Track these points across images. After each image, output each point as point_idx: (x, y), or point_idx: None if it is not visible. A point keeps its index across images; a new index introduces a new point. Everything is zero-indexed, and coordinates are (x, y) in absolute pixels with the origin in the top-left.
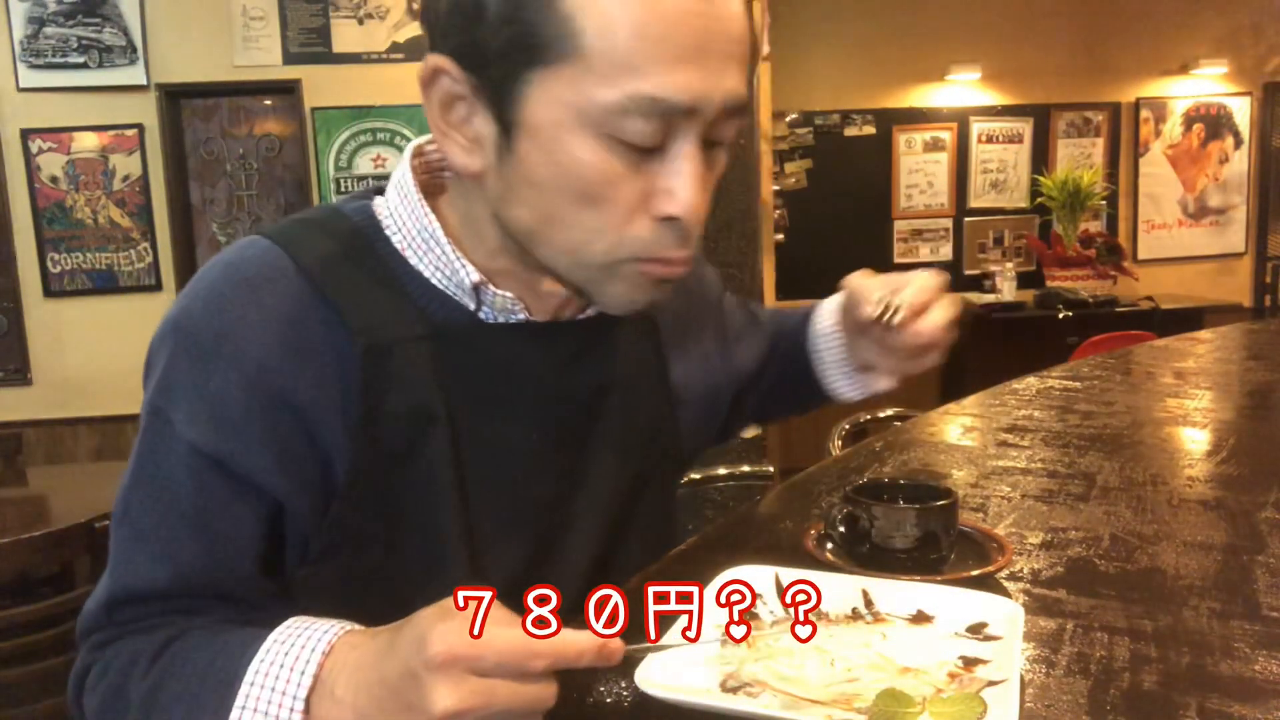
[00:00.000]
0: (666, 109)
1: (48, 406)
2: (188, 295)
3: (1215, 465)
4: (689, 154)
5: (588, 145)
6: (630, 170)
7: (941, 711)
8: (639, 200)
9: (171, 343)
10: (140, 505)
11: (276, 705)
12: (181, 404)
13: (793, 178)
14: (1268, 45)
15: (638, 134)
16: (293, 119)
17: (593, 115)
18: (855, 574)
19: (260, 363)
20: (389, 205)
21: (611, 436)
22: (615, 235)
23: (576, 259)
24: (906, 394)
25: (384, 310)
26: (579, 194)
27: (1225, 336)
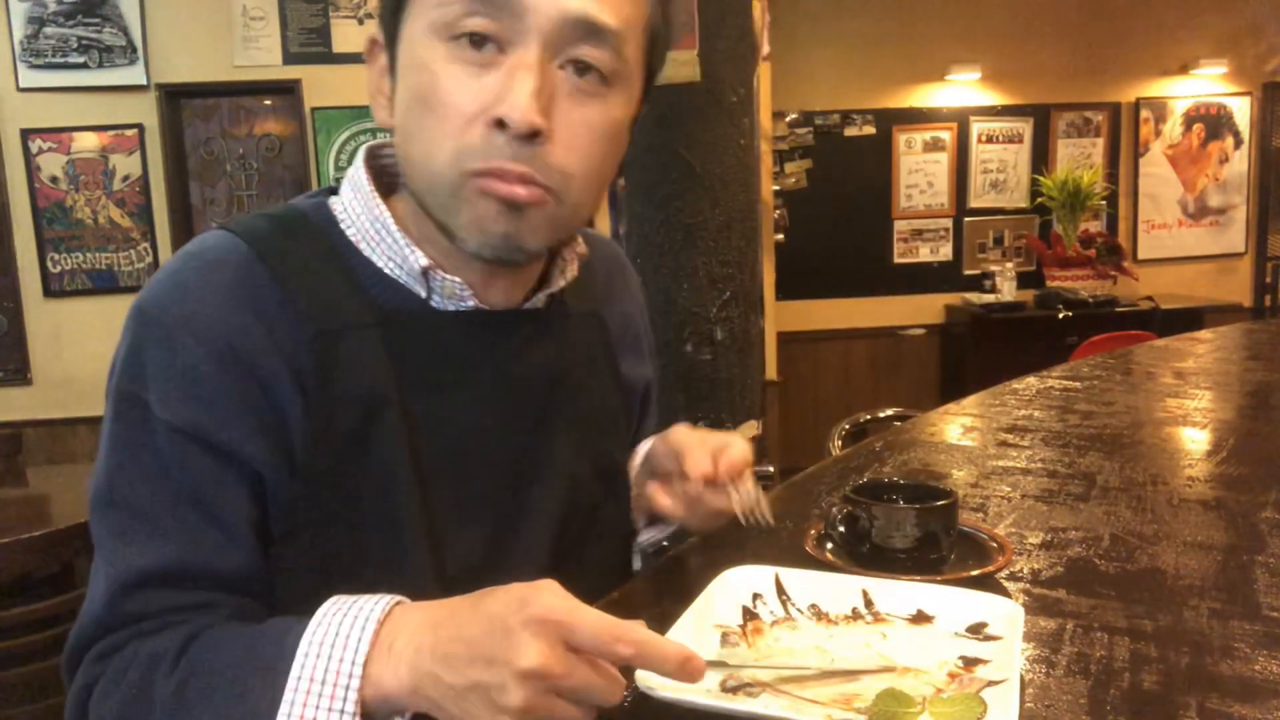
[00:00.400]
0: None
1: (48, 406)
2: (151, 284)
3: (1215, 465)
4: (524, 60)
5: (431, 50)
6: (469, 74)
7: (941, 711)
8: (478, 108)
9: (136, 327)
10: (129, 489)
11: (334, 674)
12: (153, 385)
13: (793, 178)
14: (1268, 45)
15: (470, 24)
16: (293, 119)
17: (433, 18)
18: (855, 574)
19: (225, 337)
20: (344, 201)
21: (567, 425)
22: (452, 142)
23: (429, 179)
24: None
25: (336, 297)
26: (422, 101)
27: (1225, 336)
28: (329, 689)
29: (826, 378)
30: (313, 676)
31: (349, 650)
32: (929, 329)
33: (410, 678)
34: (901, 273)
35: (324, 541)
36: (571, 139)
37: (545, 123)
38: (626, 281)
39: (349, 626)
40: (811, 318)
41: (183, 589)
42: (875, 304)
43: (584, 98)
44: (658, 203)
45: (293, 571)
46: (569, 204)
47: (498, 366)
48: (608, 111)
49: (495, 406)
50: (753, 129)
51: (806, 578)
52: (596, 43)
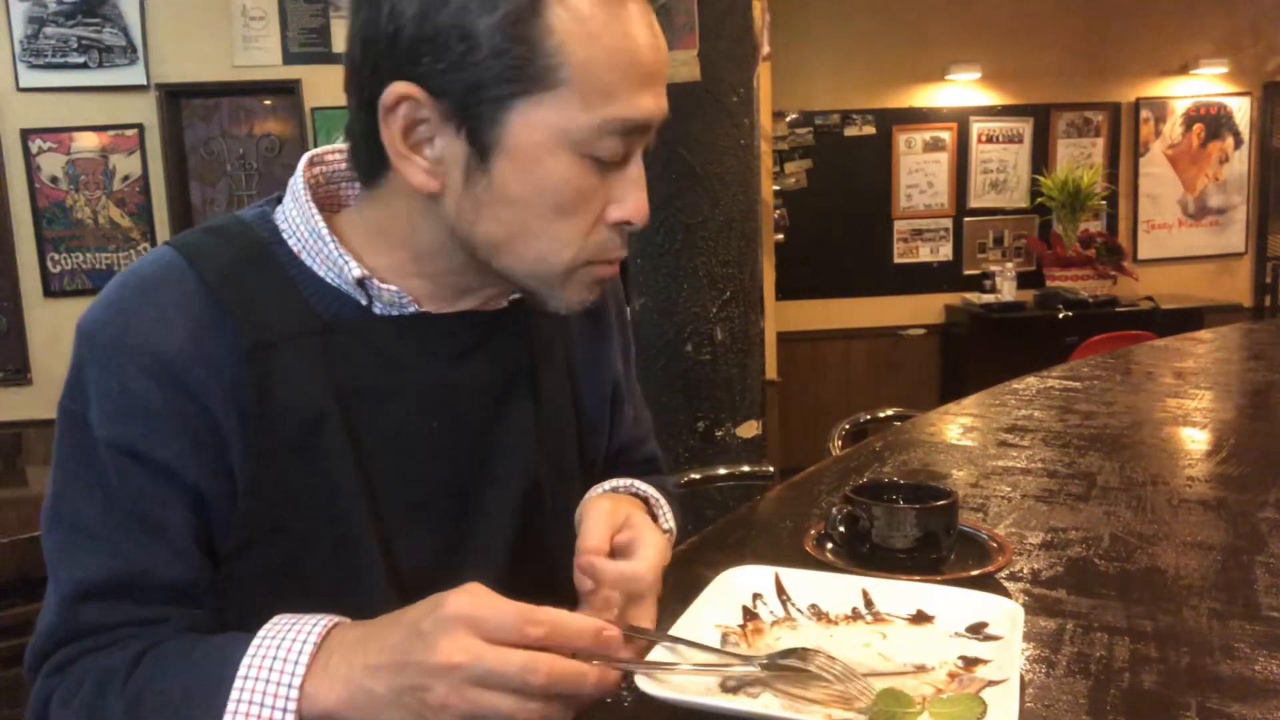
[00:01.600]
0: (634, 127)
1: (48, 406)
2: (92, 305)
3: (1215, 465)
4: (638, 165)
5: (567, 163)
6: (597, 185)
7: (941, 711)
8: (599, 210)
9: (77, 347)
10: (72, 506)
11: (272, 695)
12: (92, 404)
13: (793, 178)
14: (1268, 45)
15: (610, 151)
16: (293, 119)
17: (573, 136)
18: (855, 574)
19: (159, 356)
20: (285, 211)
21: (520, 427)
22: (580, 242)
23: (541, 267)
24: (906, 394)
25: (274, 309)
26: (555, 208)
27: (1225, 336)
28: (267, 711)
29: (826, 378)
30: (251, 699)
31: (286, 671)
32: (929, 329)
33: (345, 692)
34: (901, 273)
35: (276, 554)
36: None
37: None
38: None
39: (287, 647)
40: (811, 318)
41: (132, 602)
42: (875, 304)
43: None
44: (658, 203)
45: (248, 584)
46: None
47: (439, 371)
48: None
49: (440, 410)
50: (753, 129)
51: (806, 578)
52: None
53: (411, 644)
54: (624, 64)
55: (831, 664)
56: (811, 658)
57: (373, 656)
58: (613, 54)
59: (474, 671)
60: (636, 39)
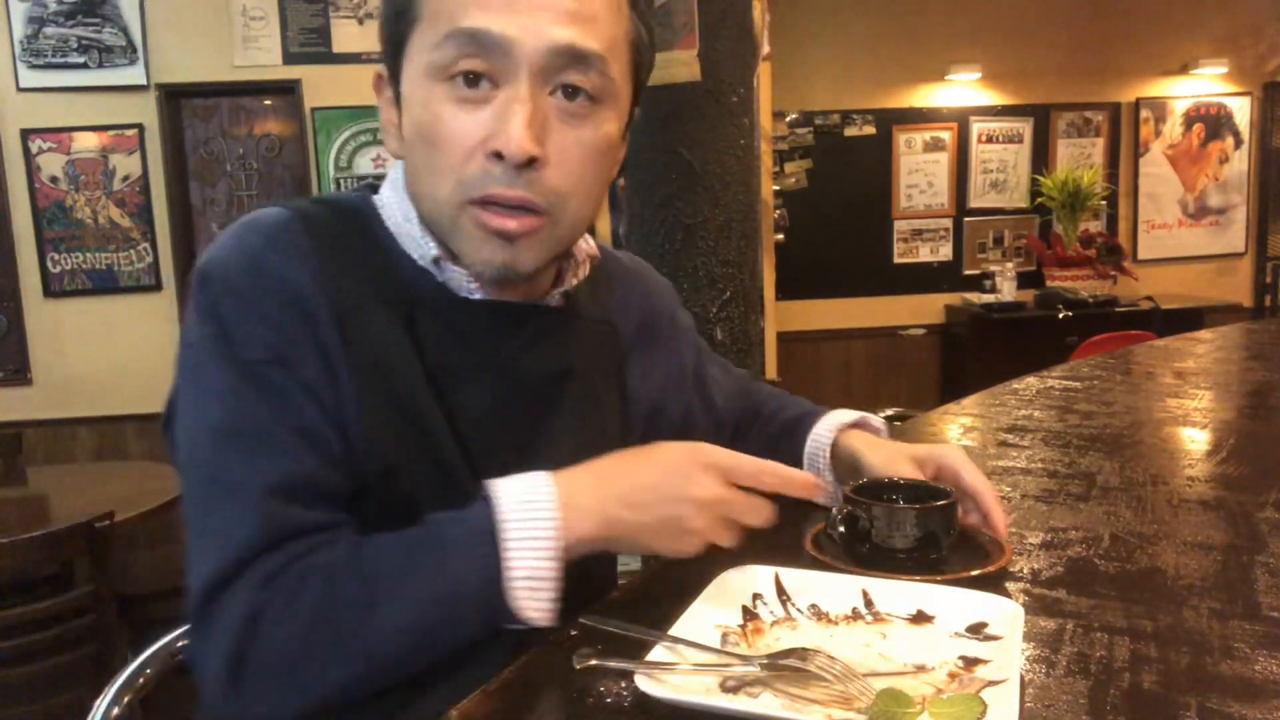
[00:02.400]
0: (475, 38)
1: (48, 406)
2: (210, 251)
3: (1215, 465)
4: (517, 94)
5: (428, 91)
6: (466, 111)
7: (941, 711)
8: (476, 141)
9: (205, 287)
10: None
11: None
12: (235, 331)
13: (793, 178)
14: (1268, 45)
15: (463, 66)
16: (293, 119)
17: (429, 61)
18: (855, 574)
19: (291, 290)
20: (383, 196)
21: (567, 426)
22: (454, 175)
23: (434, 208)
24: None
25: (370, 277)
26: (425, 139)
27: (1225, 336)
28: (537, 544)
29: (826, 378)
30: (520, 535)
31: (540, 513)
32: (929, 329)
33: (600, 523)
34: (901, 273)
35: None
36: (565, 160)
37: (540, 150)
38: (648, 290)
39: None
40: (811, 318)
41: (321, 502)
42: (875, 304)
43: (575, 120)
44: (658, 203)
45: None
46: (565, 222)
47: (505, 356)
48: (599, 129)
49: (500, 396)
50: (753, 129)
51: (806, 578)
52: (582, 68)
53: (676, 481)
54: None
55: (831, 664)
56: (811, 658)
57: (630, 494)
58: None
59: (728, 510)
60: None
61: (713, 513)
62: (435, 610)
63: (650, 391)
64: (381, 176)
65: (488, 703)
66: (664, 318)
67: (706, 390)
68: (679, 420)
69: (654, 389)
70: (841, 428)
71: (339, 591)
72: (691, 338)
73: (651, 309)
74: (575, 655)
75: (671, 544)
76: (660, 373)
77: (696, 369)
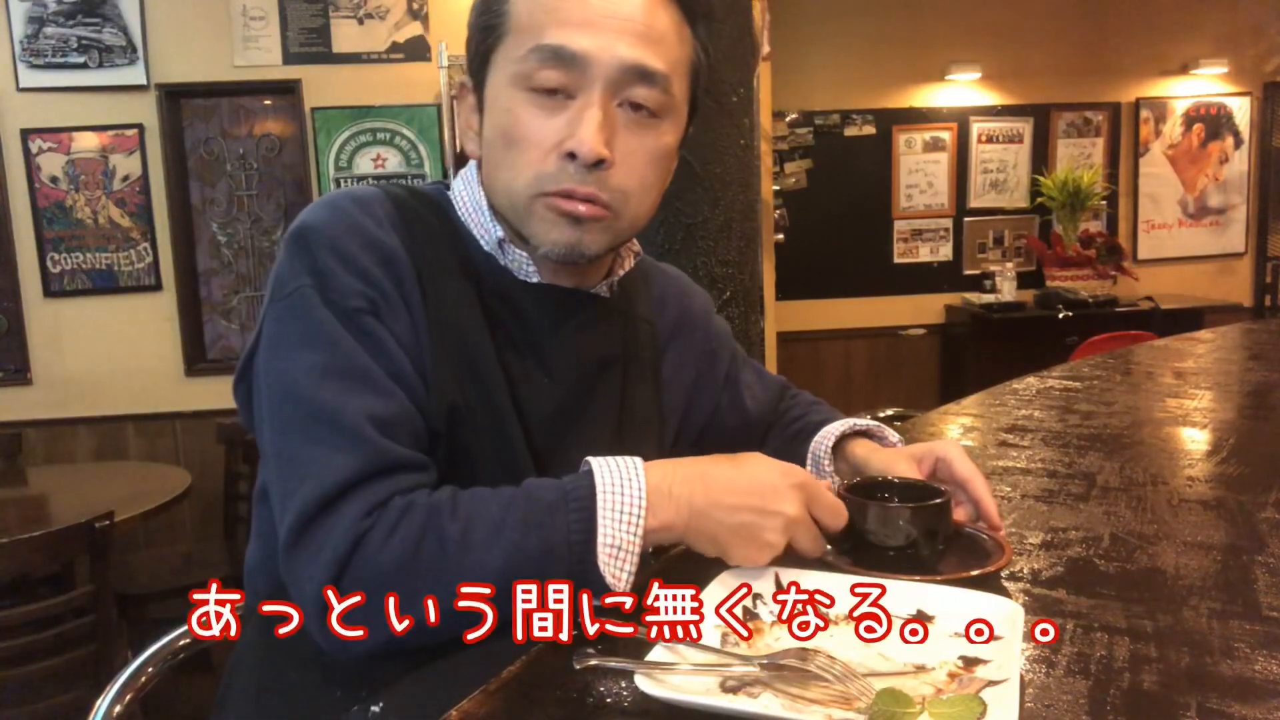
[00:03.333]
0: (559, 54)
1: (48, 406)
2: (305, 214)
3: (1215, 465)
4: (590, 102)
5: (510, 96)
6: (544, 116)
7: (941, 712)
8: (552, 143)
9: (302, 242)
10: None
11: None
12: (335, 282)
13: (793, 178)
14: (1268, 45)
15: (542, 80)
16: (293, 119)
17: (511, 70)
18: (855, 574)
19: (383, 249)
20: (456, 190)
21: (608, 408)
22: (532, 171)
23: (510, 199)
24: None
25: (444, 254)
26: (505, 139)
27: (1225, 336)
28: (626, 517)
29: (826, 378)
30: (612, 507)
31: (632, 491)
32: (929, 329)
33: (688, 514)
34: (901, 273)
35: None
36: (629, 163)
37: (608, 152)
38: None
39: (624, 473)
40: (811, 318)
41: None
42: (875, 304)
43: (639, 129)
44: None
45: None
46: (627, 217)
47: (557, 336)
48: (659, 139)
49: (551, 370)
50: (753, 129)
51: (806, 578)
52: (648, 85)
53: (767, 494)
54: (552, 5)
55: (831, 664)
56: (811, 658)
57: (721, 495)
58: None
59: (799, 529)
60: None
61: (791, 532)
62: (524, 562)
63: (682, 386)
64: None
65: (488, 703)
66: (699, 319)
67: (738, 394)
68: (705, 418)
69: (685, 384)
70: (848, 430)
71: (438, 529)
72: (727, 343)
73: (688, 309)
74: (575, 655)
75: (746, 551)
76: (692, 370)
77: (730, 373)
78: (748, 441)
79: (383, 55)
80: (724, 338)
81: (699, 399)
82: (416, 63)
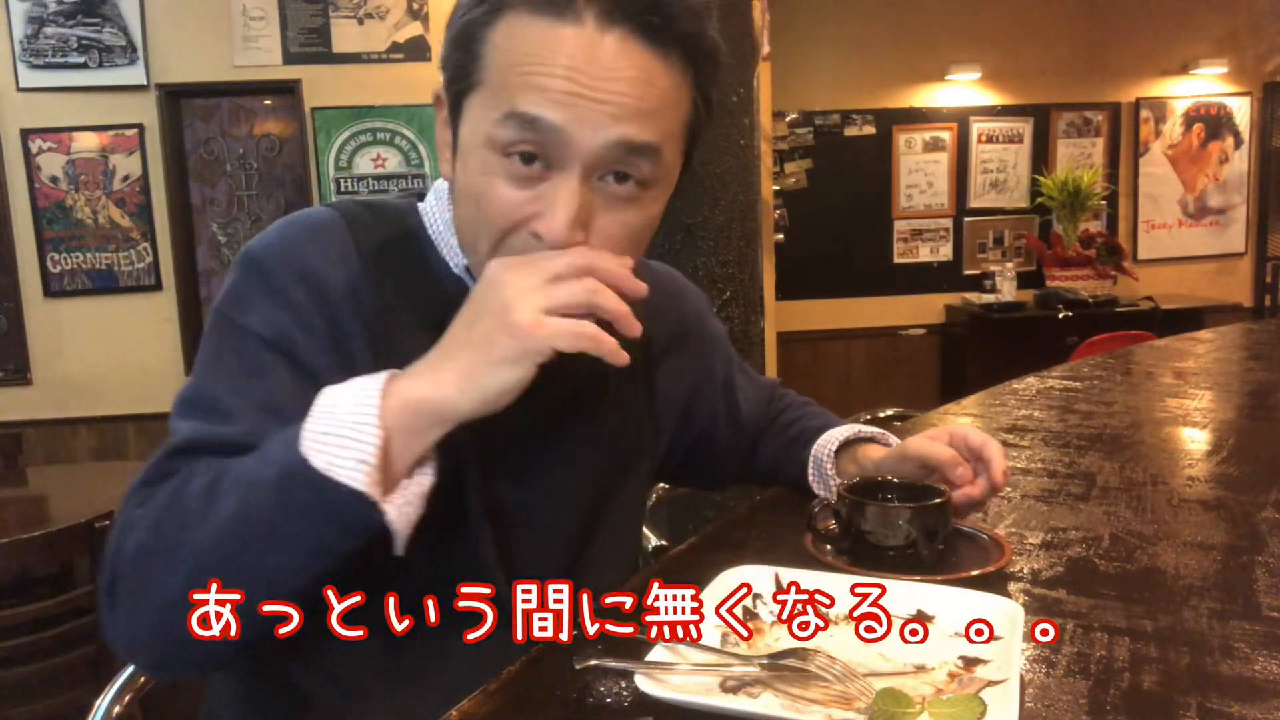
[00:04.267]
0: (532, 123)
1: (48, 406)
2: (258, 237)
3: (1215, 465)
4: (566, 182)
5: (484, 158)
6: (515, 187)
7: (941, 712)
8: (521, 216)
9: (243, 268)
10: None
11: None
12: (253, 309)
13: (793, 178)
14: (1268, 45)
15: (516, 146)
16: (293, 119)
17: (484, 130)
18: (855, 574)
19: (322, 284)
20: (427, 204)
21: (595, 430)
22: (495, 240)
23: (474, 254)
24: (906, 394)
25: (407, 282)
26: (474, 199)
27: (1225, 336)
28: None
29: (826, 378)
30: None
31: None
32: (929, 329)
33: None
34: (901, 273)
35: None
36: (606, 240)
37: (582, 235)
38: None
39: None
40: (811, 318)
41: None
42: (875, 304)
43: (622, 204)
44: None
45: None
46: None
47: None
48: (643, 211)
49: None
50: (753, 129)
51: (806, 578)
52: (636, 159)
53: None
54: (531, 68)
55: (831, 664)
56: (811, 658)
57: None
58: (525, 59)
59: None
60: (557, 53)
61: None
62: (249, 493)
63: (679, 394)
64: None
65: (488, 703)
66: (694, 324)
67: (734, 399)
68: (704, 425)
69: (682, 392)
70: (856, 434)
71: (185, 492)
72: (723, 347)
73: (683, 315)
74: (575, 655)
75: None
76: (689, 378)
77: (726, 378)
78: (739, 448)
79: (383, 55)
80: (720, 341)
81: (696, 409)
82: (416, 63)
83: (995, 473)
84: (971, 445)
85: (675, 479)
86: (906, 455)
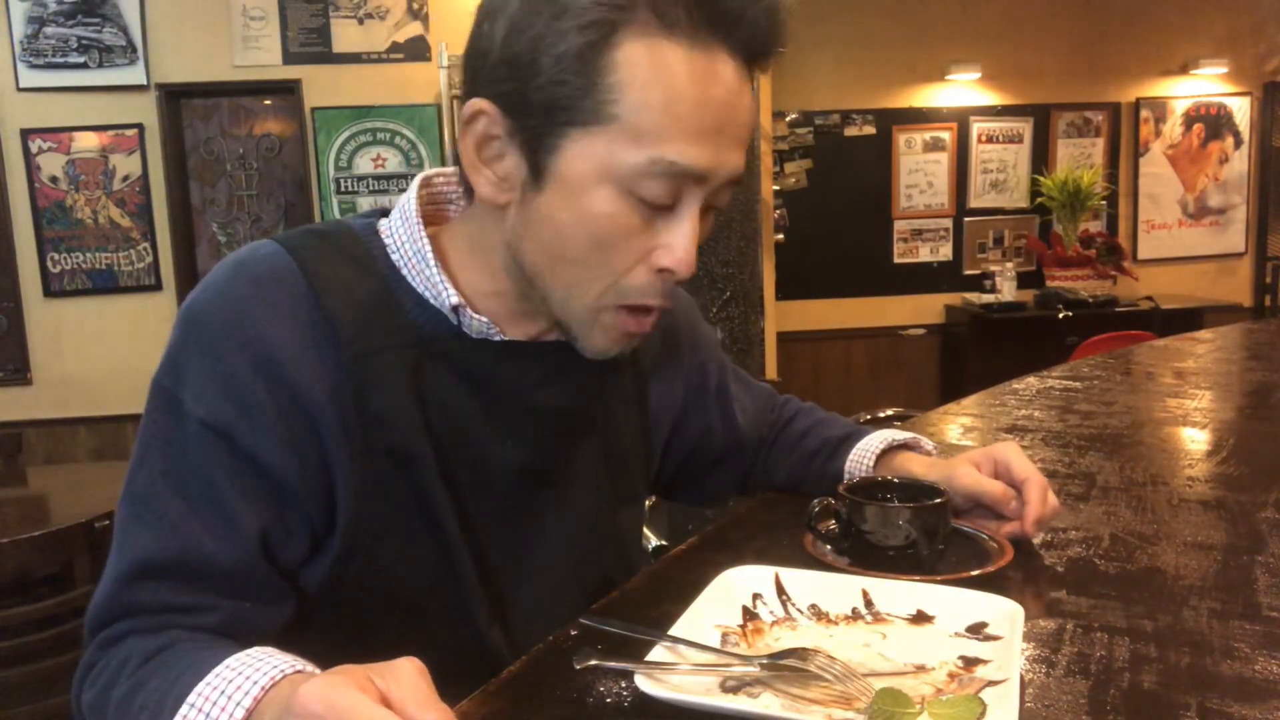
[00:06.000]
0: (681, 173)
1: (48, 406)
2: (199, 289)
3: (1215, 465)
4: (692, 215)
5: (609, 198)
6: (641, 224)
7: (941, 712)
8: (644, 252)
9: (182, 329)
10: (146, 481)
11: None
12: (190, 383)
13: (793, 178)
14: (1268, 45)
15: (654, 193)
16: (293, 119)
17: (619, 173)
18: (855, 574)
19: (266, 351)
20: (392, 226)
21: (588, 456)
22: (613, 279)
23: (570, 297)
24: (906, 394)
25: (374, 321)
26: (593, 239)
27: (1225, 336)
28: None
29: (826, 378)
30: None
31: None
32: (929, 329)
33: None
34: (901, 273)
35: (380, 556)
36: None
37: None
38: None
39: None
40: (811, 318)
41: (183, 583)
42: (875, 304)
43: (707, 225)
44: None
45: (353, 590)
46: None
47: (520, 394)
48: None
49: (516, 432)
50: (753, 129)
51: (806, 578)
52: (732, 189)
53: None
54: (683, 110)
55: (831, 664)
56: (811, 658)
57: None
58: (672, 99)
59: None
60: (706, 90)
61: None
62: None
63: (671, 408)
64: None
65: (488, 703)
66: (684, 332)
67: (729, 408)
68: (697, 436)
69: (675, 405)
70: (892, 443)
71: (114, 687)
72: (715, 354)
73: (672, 324)
74: (575, 655)
75: None
76: (680, 389)
77: (720, 386)
78: (738, 460)
79: (383, 55)
80: (711, 347)
81: (688, 420)
82: (416, 63)
83: (1028, 520)
84: (1015, 477)
85: (669, 495)
86: (954, 488)
